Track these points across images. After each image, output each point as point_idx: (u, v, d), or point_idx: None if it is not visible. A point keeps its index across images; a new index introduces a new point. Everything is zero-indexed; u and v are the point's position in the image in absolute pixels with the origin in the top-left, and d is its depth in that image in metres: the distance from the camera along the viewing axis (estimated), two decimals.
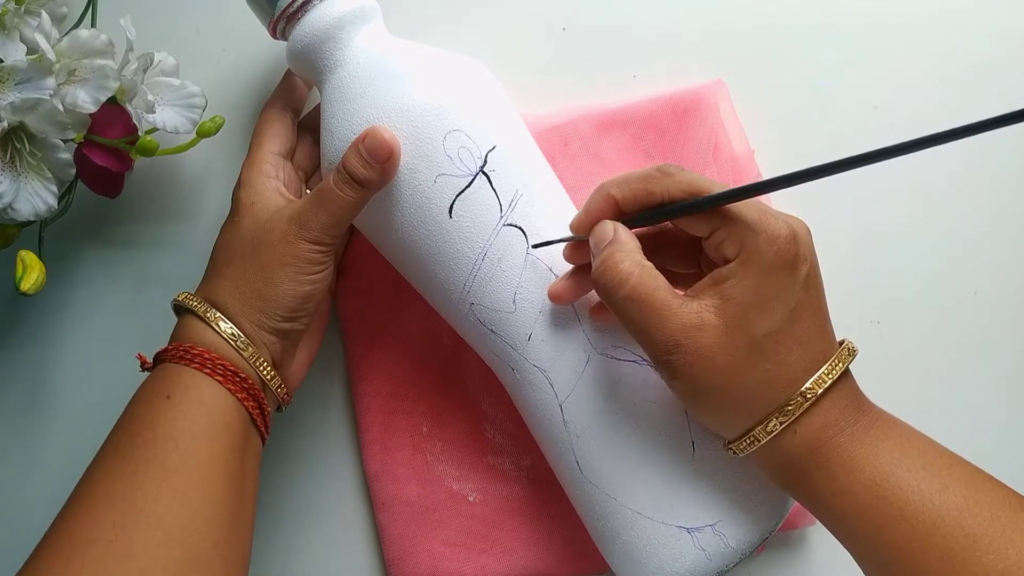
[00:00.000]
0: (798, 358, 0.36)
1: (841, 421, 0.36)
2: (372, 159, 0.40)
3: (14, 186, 0.43)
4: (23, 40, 0.44)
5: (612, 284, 0.37)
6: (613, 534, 0.43)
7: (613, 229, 0.38)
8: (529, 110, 0.49)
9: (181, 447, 0.38)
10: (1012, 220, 0.50)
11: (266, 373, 0.42)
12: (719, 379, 0.36)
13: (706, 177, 0.38)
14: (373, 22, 0.44)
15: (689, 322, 0.36)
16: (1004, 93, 0.50)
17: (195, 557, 0.36)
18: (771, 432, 0.36)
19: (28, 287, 0.44)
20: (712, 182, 0.38)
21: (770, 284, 0.36)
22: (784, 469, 0.38)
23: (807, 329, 0.36)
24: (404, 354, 0.50)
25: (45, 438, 0.52)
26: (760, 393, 0.36)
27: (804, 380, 0.36)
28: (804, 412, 0.36)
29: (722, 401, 0.37)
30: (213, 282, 0.42)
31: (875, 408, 0.38)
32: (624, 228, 0.38)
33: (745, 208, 0.36)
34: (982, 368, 0.50)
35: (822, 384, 0.36)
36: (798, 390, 0.36)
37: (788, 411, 0.36)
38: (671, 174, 0.38)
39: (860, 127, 0.50)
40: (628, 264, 0.37)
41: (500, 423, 0.49)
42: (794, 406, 0.36)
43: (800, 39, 0.51)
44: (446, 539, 0.49)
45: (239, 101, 0.51)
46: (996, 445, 0.49)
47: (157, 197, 0.52)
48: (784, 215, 0.37)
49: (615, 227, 0.38)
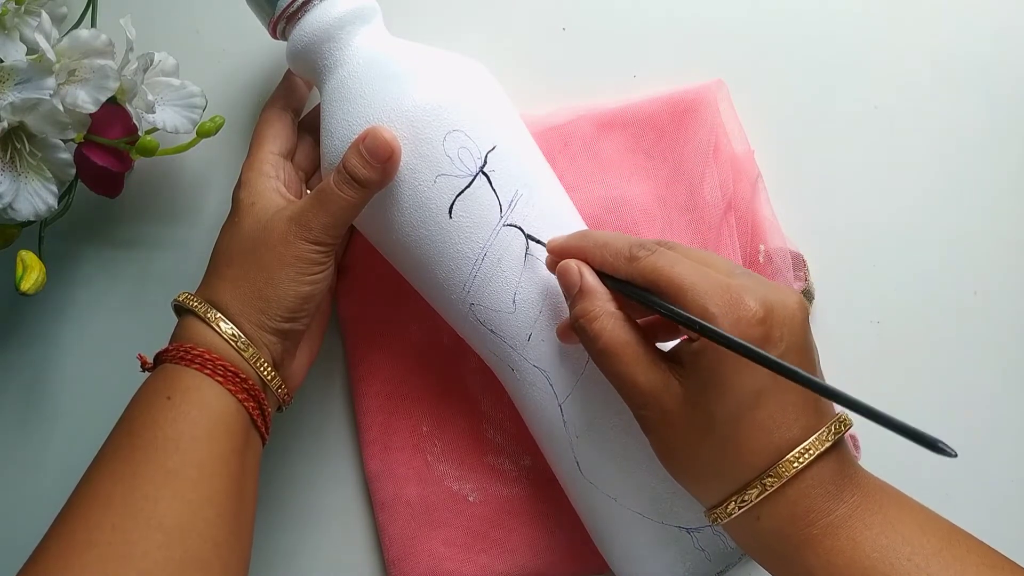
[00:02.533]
0: (761, 445, 0.34)
1: (813, 512, 0.34)
2: (373, 159, 0.40)
3: (14, 186, 0.43)
4: (23, 40, 0.44)
5: (586, 339, 0.37)
6: (613, 534, 0.43)
7: (579, 275, 0.38)
8: (529, 110, 0.49)
9: (181, 448, 0.38)
10: (1012, 220, 0.50)
11: (266, 373, 0.42)
12: (681, 446, 0.36)
13: (682, 264, 0.36)
14: (373, 22, 0.44)
15: (657, 382, 0.36)
16: (1004, 93, 0.50)
17: (195, 558, 0.36)
18: (730, 514, 0.35)
19: (28, 287, 0.44)
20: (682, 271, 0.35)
21: (731, 367, 0.34)
22: (758, 550, 0.36)
23: (773, 415, 0.34)
24: (404, 354, 0.50)
25: (45, 438, 0.52)
26: (719, 472, 0.35)
27: (766, 467, 0.34)
28: (765, 499, 0.34)
29: (686, 468, 0.36)
30: (213, 282, 0.42)
31: (864, 486, 0.35)
32: (591, 275, 0.38)
33: (713, 288, 0.34)
34: (982, 368, 0.50)
35: (783, 474, 0.34)
36: (758, 477, 0.34)
37: (747, 497, 0.35)
38: (638, 258, 0.36)
39: (860, 127, 0.50)
40: (599, 322, 0.37)
41: (500, 423, 0.49)
42: (753, 493, 0.34)
43: (800, 39, 0.51)
44: (446, 539, 0.49)
45: (239, 101, 0.51)
46: (996, 445, 0.49)
47: (157, 197, 0.52)
48: (772, 291, 0.35)
49: (582, 273, 0.38)
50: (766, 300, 0.34)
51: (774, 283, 0.36)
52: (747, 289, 0.34)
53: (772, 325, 0.34)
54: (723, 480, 0.35)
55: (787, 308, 0.35)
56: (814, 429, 0.35)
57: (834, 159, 0.50)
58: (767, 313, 0.34)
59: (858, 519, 0.34)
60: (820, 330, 0.49)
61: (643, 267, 0.36)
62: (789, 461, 0.34)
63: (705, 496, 0.37)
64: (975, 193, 0.50)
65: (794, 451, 0.34)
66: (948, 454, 0.28)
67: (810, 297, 0.49)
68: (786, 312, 0.34)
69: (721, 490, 0.36)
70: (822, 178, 0.50)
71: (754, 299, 0.34)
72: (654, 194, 0.49)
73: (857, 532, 0.34)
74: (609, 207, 0.48)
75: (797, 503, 0.34)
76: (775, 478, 0.34)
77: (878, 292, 0.50)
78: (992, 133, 0.50)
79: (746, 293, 0.34)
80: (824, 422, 0.35)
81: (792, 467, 0.34)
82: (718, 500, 0.36)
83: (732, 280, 0.35)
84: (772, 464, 0.34)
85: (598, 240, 0.39)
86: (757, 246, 0.48)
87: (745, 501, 0.35)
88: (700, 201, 0.48)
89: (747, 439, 0.34)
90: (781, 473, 0.34)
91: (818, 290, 0.50)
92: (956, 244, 0.50)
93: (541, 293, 0.42)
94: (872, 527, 0.34)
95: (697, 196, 0.48)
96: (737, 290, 0.34)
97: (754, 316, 0.34)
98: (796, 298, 0.35)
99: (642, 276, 0.36)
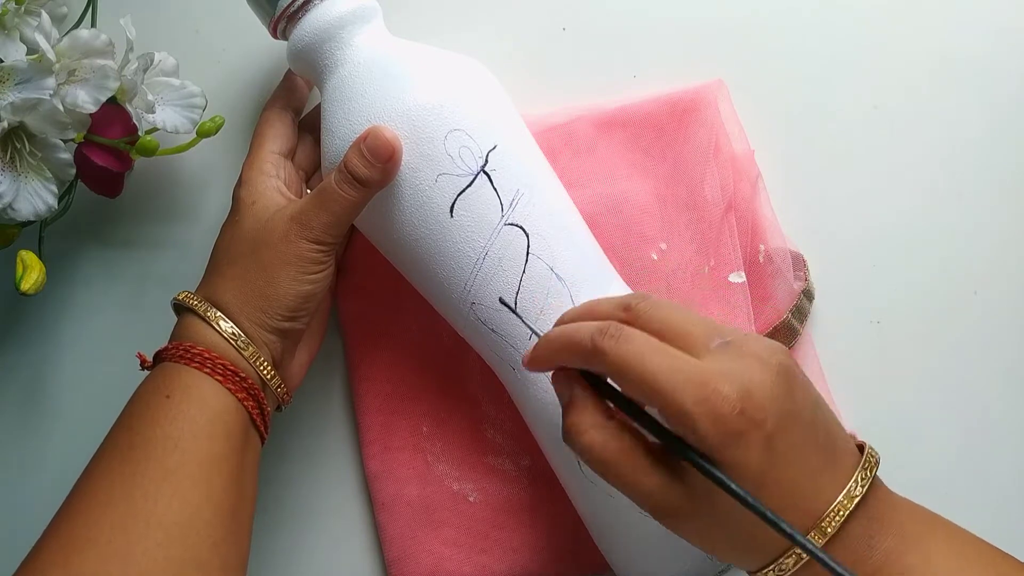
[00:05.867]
0: (770, 535, 0.33)
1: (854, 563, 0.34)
2: (374, 158, 0.40)
3: (14, 186, 0.43)
4: (23, 40, 0.44)
5: (579, 453, 0.35)
6: (613, 534, 0.43)
7: (569, 388, 0.36)
8: (529, 110, 0.49)
9: (180, 447, 0.38)
10: (1012, 220, 0.50)
11: (266, 373, 0.42)
12: (698, 535, 0.35)
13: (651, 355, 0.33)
14: (373, 22, 0.44)
15: (658, 485, 0.34)
16: (1004, 93, 0.50)
17: (193, 557, 0.36)
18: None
19: (28, 287, 0.44)
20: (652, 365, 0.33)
21: (720, 462, 0.33)
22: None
23: (773, 496, 0.33)
24: (404, 354, 0.50)
25: (45, 438, 0.52)
26: (746, 550, 0.35)
27: (771, 559, 0.34)
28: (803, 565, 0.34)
29: (711, 550, 0.36)
30: (214, 281, 0.42)
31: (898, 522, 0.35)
32: (581, 386, 0.36)
33: (687, 382, 0.32)
34: (982, 368, 0.50)
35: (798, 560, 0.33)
36: (773, 563, 0.34)
37: (785, 566, 0.34)
38: (603, 351, 0.34)
39: (860, 127, 0.50)
40: (587, 436, 0.35)
41: (500, 423, 0.49)
42: (789, 562, 0.34)
43: (800, 39, 0.51)
44: (446, 539, 0.49)
45: (239, 101, 0.51)
46: (996, 445, 0.49)
47: (157, 197, 0.52)
48: (748, 367, 0.33)
49: (570, 384, 0.36)
50: (743, 384, 0.32)
51: (750, 352, 0.34)
52: (723, 375, 0.33)
53: (754, 411, 0.32)
54: (752, 556, 0.35)
55: (765, 386, 0.33)
56: (841, 483, 0.34)
57: (834, 159, 0.50)
58: (745, 400, 0.32)
59: (896, 560, 0.34)
60: (820, 330, 0.50)
61: (611, 363, 0.34)
62: (822, 527, 0.33)
63: (742, 565, 0.36)
64: (975, 193, 0.50)
65: (827, 512, 0.33)
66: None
67: (810, 297, 0.49)
68: (765, 390, 0.33)
69: (755, 562, 0.35)
70: (822, 178, 0.50)
71: (731, 386, 0.32)
72: (654, 193, 0.49)
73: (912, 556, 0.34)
74: (609, 206, 0.48)
75: (855, 536, 0.34)
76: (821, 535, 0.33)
77: (878, 292, 0.50)
78: (992, 133, 0.50)
79: (723, 381, 0.32)
80: (850, 465, 0.34)
81: (826, 531, 0.33)
82: (756, 568, 0.35)
83: (707, 364, 0.33)
84: (785, 550, 0.34)
85: (564, 340, 0.36)
86: (757, 246, 0.48)
87: (783, 569, 0.34)
88: (700, 200, 0.48)
89: (755, 527, 0.33)
90: (825, 530, 0.33)
91: (818, 290, 0.50)
92: (956, 244, 0.50)
93: (543, 292, 0.42)
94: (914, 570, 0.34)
95: (697, 195, 0.48)
96: (713, 380, 0.32)
97: (732, 409, 0.32)
98: (774, 365, 0.34)
99: (613, 373, 0.34)
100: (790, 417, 0.33)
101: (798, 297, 0.48)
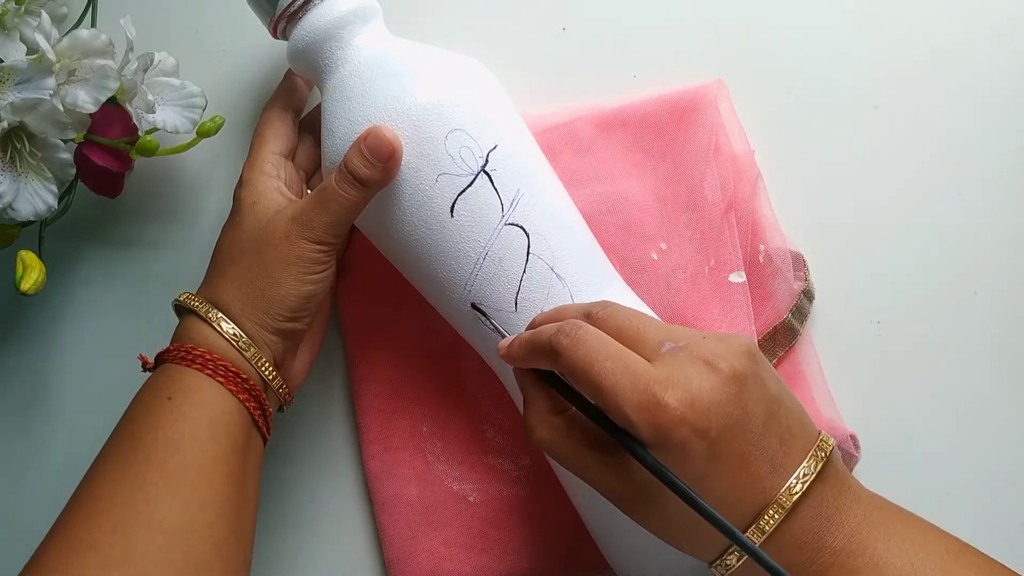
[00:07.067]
0: (712, 534, 0.33)
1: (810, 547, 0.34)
2: (374, 158, 0.40)
3: (14, 186, 0.43)
4: (23, 40, 0.44)
5: (537, 447, 0.37)
6: (614, 533, 0.43)
7: (524, 386, 0.38)
8: (529, 110, 0.49)
9: (182, 450, 0.38)
10: (1012, 220, 0.50)
11: (268, 373, 0.42)
12: (653, 526, 0.36)
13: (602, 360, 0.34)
14: (374, 22, 0.44)
15: (607, 481, 0.35)
16: (1004, 93, 0.50)
17: (196, 560, 0.36)
18: (730, 567, 0.35)
19: (28, 287, 0.44)
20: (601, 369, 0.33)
21: (665, 461, 0.33)
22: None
23: (716, 497, 0.33)
24: (404, 354, 0.50)
25: (45, 438, 0.52)
26: (691, 549, 0.35)
27: (720, 552, 0.35)
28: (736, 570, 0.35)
29: (667, 539, 0.36)
30: (215, 282, 0.42)
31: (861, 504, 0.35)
32: (532, 384, 0.37)
33: (631, 390, 0.33)
34: (982, 368, 0.50)
35: (766, 528, 0.34)
36: (718, 559, 0.35)
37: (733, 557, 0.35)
38: (559, 352, 0.34)
39: (860, 127, 0.50)
40: (539, 432, 0.36)
41: (500, 423, 0.49)
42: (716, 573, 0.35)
43: (800, 39, 0.51)
44: (446, 539, 0.49)
45: (239, 101, 0.51)
46: (996, 445, 0.49)
47: (157, 197, 0.52)
48: (697, 374, 0.33)
49: (525, 382, 0.38)
50: (687, 391, 0.32)
51: (701, 357, 0.34)
52: (669, 384, 0.33)
53: (696, 419, 0.32)
54: (704, 551, 0.35)
55: (711, 393, 0.33)
56: (797, 461, 0.34)
57: (834, 159, 0.50)
58: (687, 408, 0.32)
59: (845, 561, 0.34)
60: (820, 330, 0.50)
61: (564, 364, 0.34)
62: (760, 525, 0.34)
63: (699, 557, 0.36)
64: (975, 193, 0.50)
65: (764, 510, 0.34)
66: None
67: (810, 297, 0.49)
68: (711, 398, 0.33)
69: (707, 556, 0.35)
70: (822, 178, 0.50)
71: (675, 396, 0.32)
72: (654, 192, 0.49)
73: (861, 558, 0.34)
74: (609, 205, 0.48)
75: (798, 536, 0.34)
76: (759, 532, 0.34)
77: (878, 292, 0.50)
78: (992, 133, 0.50)
79: (667, 390, 0.32)
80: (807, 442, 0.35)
81: (764, 529, 0.34)
82: (712, 557, 0.35)
83: (655, 370, 0.33)
84: (754, 520, 0.34)
85: (529, 341, 0.37)
86: (757, 246, 0.48)
87: (728, 566, 0.35)
88: (700, 200, 0.48)
89: (698, 526, 0.33)
90: (764, 528, 0.34)
91: (818, 290, 0.50)
92: (956, 244, 0.50)
93: (543, 292, 0.42)
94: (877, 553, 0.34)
95: (697, 195, 0.48)
96: (657, 389, 0.32)
97: (672, 418, 0.32)
98: (724, 371, 0.33)
99: (566, 373, 0.35)
100: (737, 425, 0.33)
101: (798, 297, 0.48)
